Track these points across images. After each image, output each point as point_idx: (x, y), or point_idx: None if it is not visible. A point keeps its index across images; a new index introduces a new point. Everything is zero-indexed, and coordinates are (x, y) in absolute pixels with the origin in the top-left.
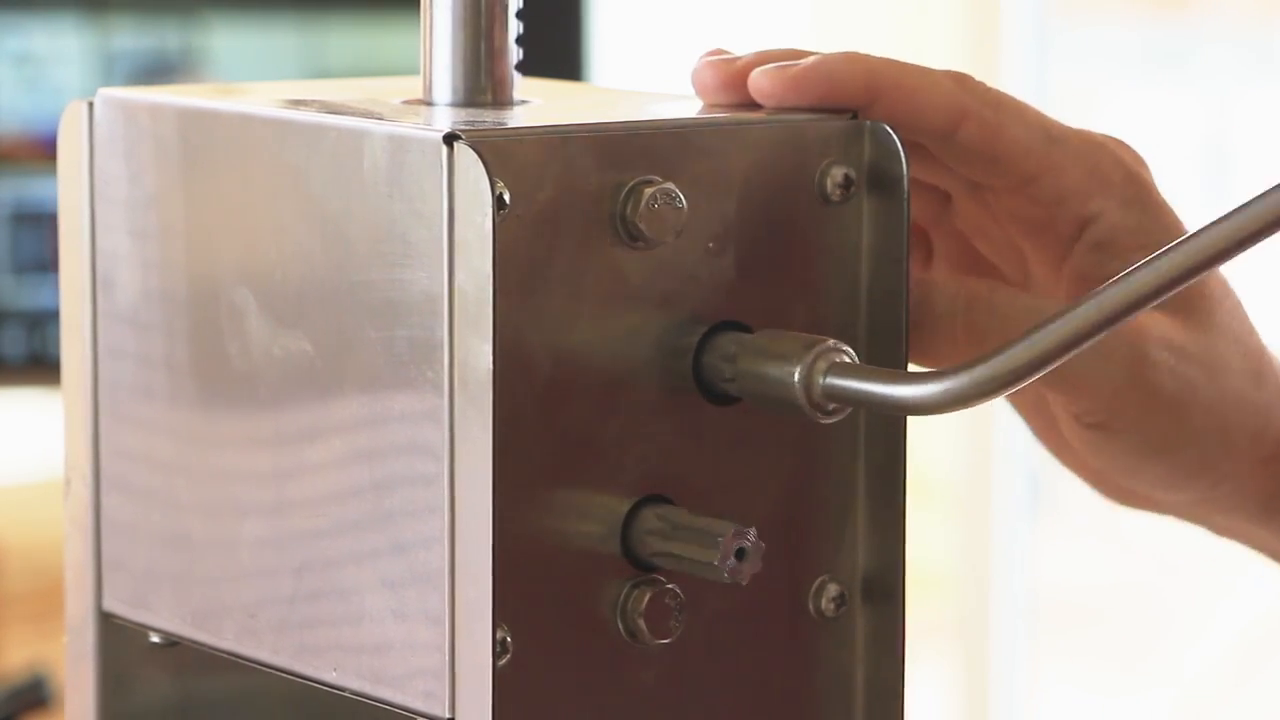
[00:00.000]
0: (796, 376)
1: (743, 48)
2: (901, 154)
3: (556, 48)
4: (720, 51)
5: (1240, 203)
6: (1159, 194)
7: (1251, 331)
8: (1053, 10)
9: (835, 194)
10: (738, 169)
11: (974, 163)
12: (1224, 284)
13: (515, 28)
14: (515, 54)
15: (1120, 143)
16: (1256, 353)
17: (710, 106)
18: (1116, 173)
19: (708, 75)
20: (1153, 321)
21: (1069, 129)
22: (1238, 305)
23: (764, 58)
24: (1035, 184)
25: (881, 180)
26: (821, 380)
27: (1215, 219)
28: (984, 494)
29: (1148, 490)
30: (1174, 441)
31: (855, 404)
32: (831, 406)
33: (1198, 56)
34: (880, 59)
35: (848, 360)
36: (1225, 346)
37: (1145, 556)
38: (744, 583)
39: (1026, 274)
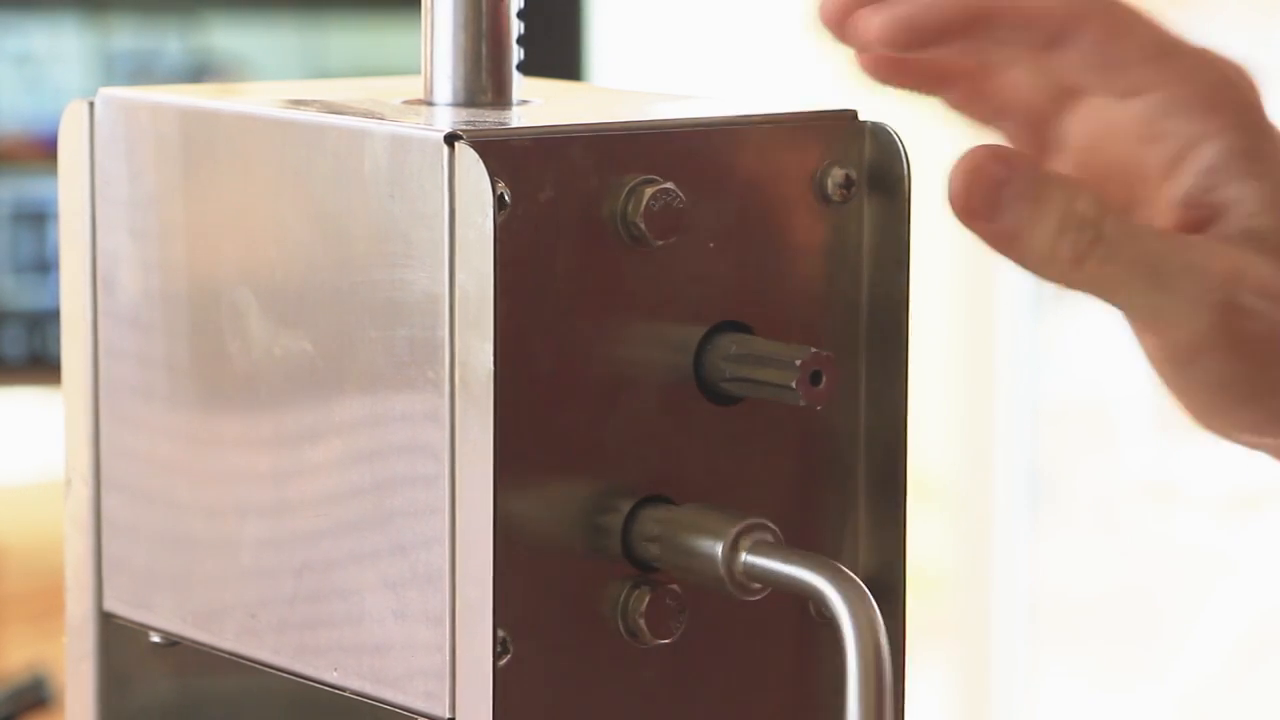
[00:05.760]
0: (720, 554)
1: (743, 48)
2: (903, 154)
3: (556, 48)
4: None
5: None
6: (1270, 123)
7: None
8: None
9: (836, 194)
10: (738, 169)
11: (1083, 71)
12: None
13: (516, 27)
14: (516, 54)
15: (1237, 66)
16: None
17: (717, 107)
18: (1233, 94)
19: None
20: (1248, 263)
21: (1185, 44)
22: None
23: None
24: (1143, 97)
25: (882, 180)
26: (744, 559)
27: None
28: (984, 494)
29: (1236, 434)
30: (1261, 388)
31: (776, 586)
32: (755, 585)
33: None
34: None
35: (771, 540)
36: None
37: (1145, 556)
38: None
39: (1131, 191)
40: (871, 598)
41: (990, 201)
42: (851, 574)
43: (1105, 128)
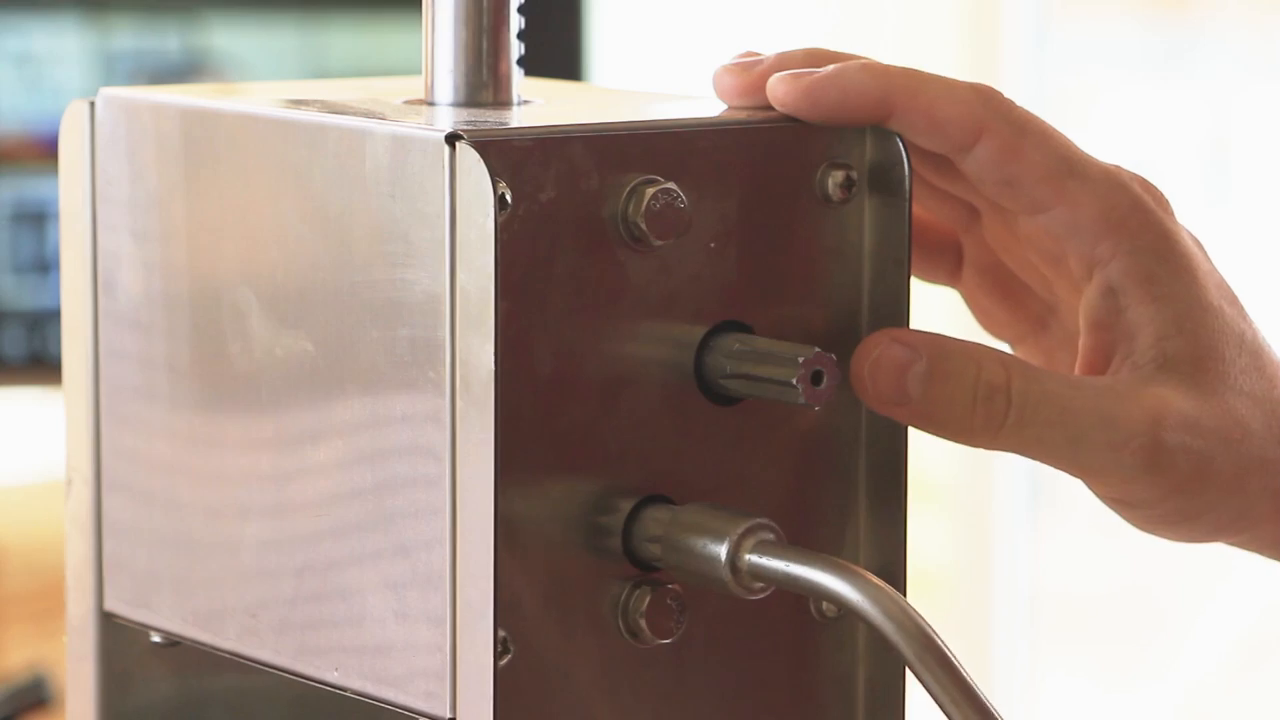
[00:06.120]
0: (723, 554)
1: (743, 47)
2: (904, 155)
3: (556, 48)
4: (748, 54)
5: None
6: (1180, 244)
7: (1273, 384)
8: (1053, 10)
9: (837, 194)
10: (739, 169)
11: (989, 182)
12: (1238, 339)
13: (517, 22)
14: (517, 49)
15: (1146, 183)
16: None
17: (727, 109)
18: (1133, 216)
19: (727, 80)
20: (1165, 402)
21: (1094, 163)
22: (1255, 359)
23: (784, 61)
24: (1047, 214)
25: (883, 181)
26: (747, 559)
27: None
28: (984, 494)
29: (1180, 541)
30: (1192, 514)
31: (782, 586)
32: (758, 586)
33: (1198, 55)
34: (899, 69)
35: (774, 540)
36: (1244, 409)
37: (1145, 556)
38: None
39: (1053, 294)
40: (889, 585)
41: (897, 386)
42: (862, 570)
43: (1015, 239)
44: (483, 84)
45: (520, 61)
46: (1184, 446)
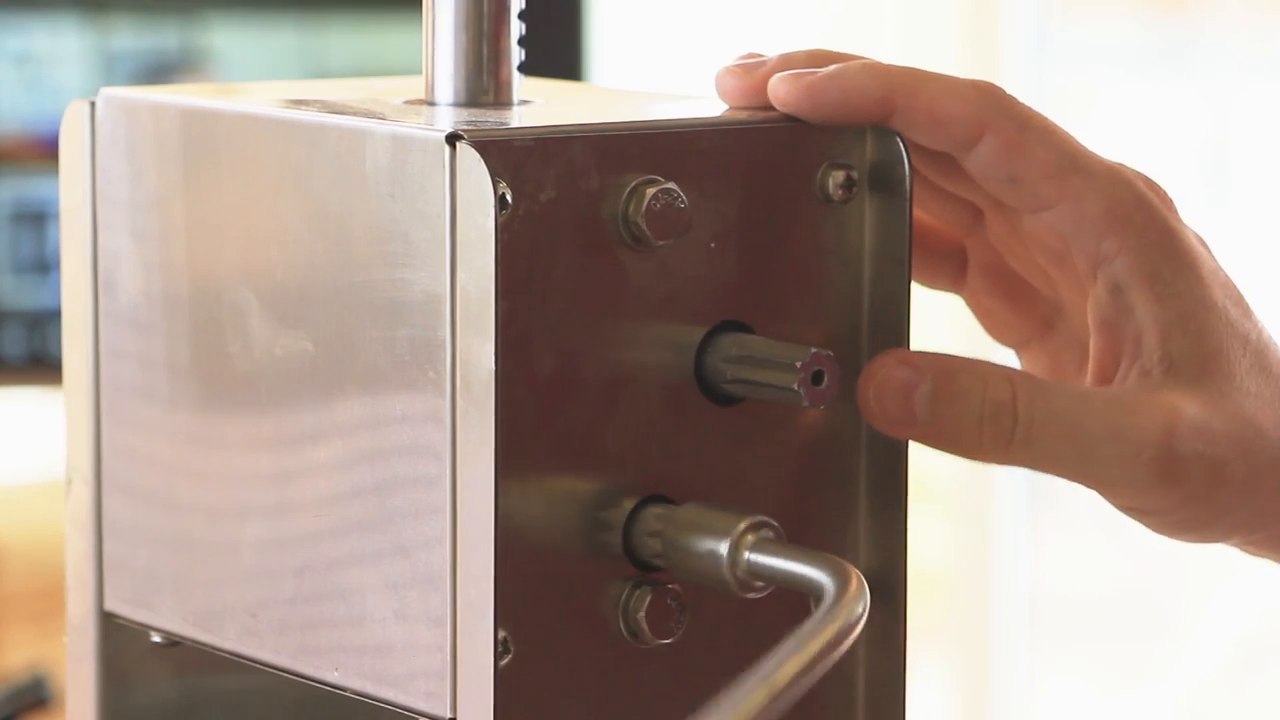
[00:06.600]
0: (724, 552)
1: (743, 47)
2: (904, 155)
3: (556, 48)
4: (750, 55)
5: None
6: (1184, 241)
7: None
8: (1053, 10)
9: (837, 194)
10: (740, 169)
11: (992, 180)
12: (1243, 340)
13: (518, 28)
14: (518, 54)
15: (1149, 181)
16: None
17: (727, 109)
18: (1138, 213)
19: (729, 82)
20: (1175, 410)
21: (1097, 159)
22: (1260, 359)
23: (786, 63)
24: (1051, 211)
25: (884, 181)
26: (747, 557)
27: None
28: (984, 494)
29: (1195, 543)
30: (1208, 518)
31: (779, 583)
32: (758, 584)
33: (1198, 55)
34: (900, 69)
35: (773, 538)
36: (1255, 410)
37: (1146, 556)
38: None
39: (1057, 294)
40: (865, 590)
41: (904, 408)
42: (854, 569)
43: (1018, 239)
44: (483, 87)
45: (521, 67)
46: (1197, 454)
